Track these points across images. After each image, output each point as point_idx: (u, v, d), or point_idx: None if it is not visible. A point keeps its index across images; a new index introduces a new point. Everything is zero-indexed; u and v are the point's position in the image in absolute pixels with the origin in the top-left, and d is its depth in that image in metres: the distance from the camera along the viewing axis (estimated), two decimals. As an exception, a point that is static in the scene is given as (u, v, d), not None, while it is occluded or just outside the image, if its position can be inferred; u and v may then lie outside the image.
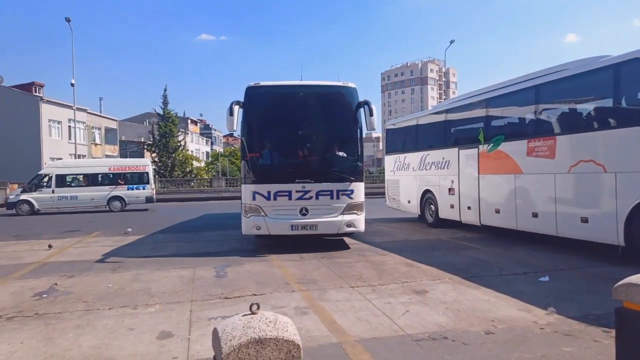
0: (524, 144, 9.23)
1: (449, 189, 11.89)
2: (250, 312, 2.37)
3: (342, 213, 9.13)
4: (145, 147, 50.24)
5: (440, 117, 12.74)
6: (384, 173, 21.88)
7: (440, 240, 10.62)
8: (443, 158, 12.20)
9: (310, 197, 9.09)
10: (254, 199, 9.13)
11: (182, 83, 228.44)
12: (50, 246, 10.15)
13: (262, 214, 9.08)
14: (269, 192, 9.10)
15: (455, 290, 5.96)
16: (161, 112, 45.78)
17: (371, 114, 8.99)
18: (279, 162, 9.68)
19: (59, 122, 42.50)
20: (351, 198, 9.18)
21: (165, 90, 46.61)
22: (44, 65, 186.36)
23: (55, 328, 4.75)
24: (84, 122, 45.22)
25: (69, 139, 42.30)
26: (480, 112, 10.99)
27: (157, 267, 7.91)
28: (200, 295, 5.98)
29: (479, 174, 10.65)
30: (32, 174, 36.25)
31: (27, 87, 43.47)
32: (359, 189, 9.30)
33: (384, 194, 17.09)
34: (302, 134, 10.08)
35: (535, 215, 8.94)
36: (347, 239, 10.71)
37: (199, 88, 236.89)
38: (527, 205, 9.17)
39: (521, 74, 10.14)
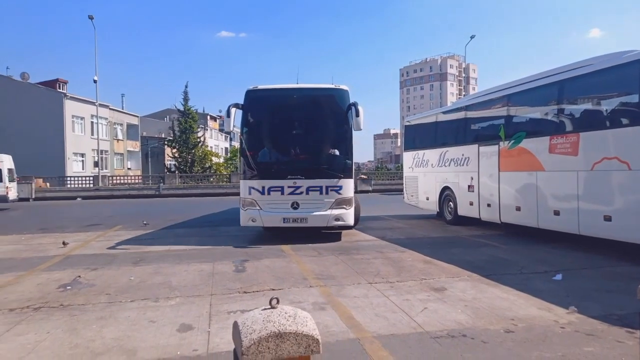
0: (546, 141, 9.08)
1: (469, 186, 11.78)
2: (270, 306, 2.40)
3: (331, 207, 9.70)
4: (166, 142, 50.87)
5: (460, 114, 12.60)
6: (402, 169, 21.77)
7: (459, 237, 10.54)
8: (462, 155, 12.08)
9: (301, 193, 9.72)
10: (249, 193, 9.92)
11: (202, 79, 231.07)
12: (64, 243, 9.89)
13: (257, 207, 9.84)
14: (263, 187, 9.85)
15: (474, 288, 5.91)
16: (181, 109, 46.26)
17: (357, 115, 9.38)
18: (273, 159, 10.33)
19: (82, 118, 43.37)
20: (340, 194, 9.74)
21: (186, 86, 47.34)
22: (67, 62, 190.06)
23: (79, 319, 4.87)
24: (106, 118, 46.09)
25: (92, 134, 43.15)
26: (501, 108, 10.83)
27: (177, 260, 8.04)
28: (220, 289, 6.06)
29: (499, 170, 10.51)
30: (56, 168, 37.35)
31: (52, 84, 44.42)
32: (347, 185, 9.81)
33: (401, 190, 17.02)
34: (295, 134, 10.65)
35: (557, 213, 8.79)
36: (364, 236, 10.72)
37: (218, 84, 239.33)
38: (549, 202, 9.02)
39: (543, 70, 9.96)
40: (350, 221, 9.97)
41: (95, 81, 35.93)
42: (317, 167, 9.91)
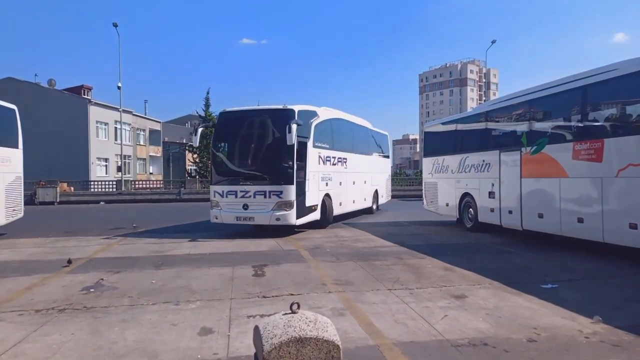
0: (569, 147, 8.93)
1: (489, 193, 11.64)
2: (290, 311, 2.42)
3: (273, 209, 11.54)
4: (187, 148, 51.48)
5: (481, 119, 12.48)
6: (421, 175, 21.64)
7: (480, 244, 10.40)
8: (483, 161, 11.95)
9: (250, 196, 11.73)
10: (214, 196, 12.27)
11: (223, 86, 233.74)
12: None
13: (219, 207, 12.10)
14: (223, 192, 12.09)
15: (495, 296, 5.83)
16: (203, 114, 46.78)
17: (289, 132, 10.97)
18: (230, 168, 12.34)
19: (106, 124, 44.28)
20: (280, 197, 11.52)
21: (207, 93, 47.42)
22: (92, 68, 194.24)
23: (102, 321, 4.96)
24: (129, 124, 46.96)
25: (115, 139, 44.00)
26: (523, 114, 10.70)
27: (197, 264, 8.12)
28: (239, 293, 6.10)
29: (521, 177, 10.36)
30: (80, 173, 38.18)
31: (77, 90, 45.46)
32: (288, 190, 11.53)
33: (421, 196, 16.91)
34: (248, 147, 12.61)
35: (580, 220, 8.62)
36: (383, 242, 10.67)
37: (239, 91, 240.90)
38: (572, 210, 8.85)
39: (566, 75, 9.81)
40: (291, 220, 11.62)
41: (119, 87, 36.61)
42: (263, 175, 11.80)
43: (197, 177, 43.21)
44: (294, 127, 11.02)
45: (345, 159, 15.29)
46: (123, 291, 6.27)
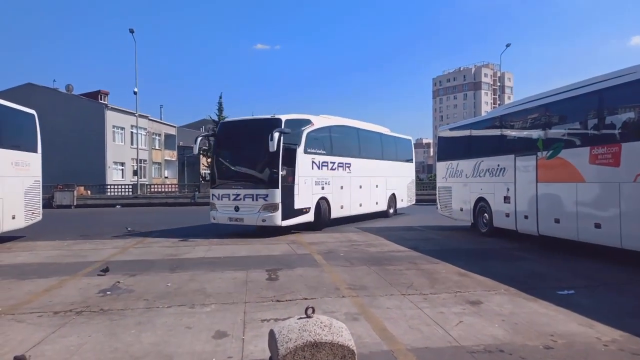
0: (586, 151, 8.81)
1: (504, 197, 11.53)
2: (305, 316, 2.43)
3: (259, 211, 12.44)
4: (201, 152, 51.92)
5: (496, 123, 12.38)
6: (434, 180, 21.51)
7: (495, 249, 10.30)
8: (498, 165, 11.85)
9: (240, 199, 12.77)
10: (212, 198, 13.49)
11: (237, 91, 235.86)
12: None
13: (215, 209, 13.26)
14: (219, 194, 13.26)
15: (511, 302, 5.77)
16: (216, 119, 47.11)
17: (271, 139, 11.75)
18: (225, 173, 13.48)
19: (122, 128, 44.89)
20: (266, 200, 12.40)
21: (220, 97, 47.66)
22: (109, 73, 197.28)
23: (118, 324, 5.02)
24: (145, 129, 47.53)
25: (131, 144, 44.57)
26: (539, 118, 10.59)
27: (212, 268, 8.18)
28: (253, 297, 6.13)
29: (537, 181, 10.26)
30: (97, 176, 38.73)
31: (94, 95, 46.25)
32: (273, 194, 12.33)
33: (434, 201, 16.82)
34: (240, 154, 13.50)
35: (598, 226, 8.49)
36: (396, 246, 10.63)
37: (252, 95, 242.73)
38: (590, 215, 8.73)
39: (582, 79, 9.69)
40: (276, 222, 12.39)
41: (135, 93, 37.09)
42: (251, 179, 12.75)
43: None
44: (275, 135, 11.82)
45: (349, 163, 15.81)
46: (139, 294, 6.34)
